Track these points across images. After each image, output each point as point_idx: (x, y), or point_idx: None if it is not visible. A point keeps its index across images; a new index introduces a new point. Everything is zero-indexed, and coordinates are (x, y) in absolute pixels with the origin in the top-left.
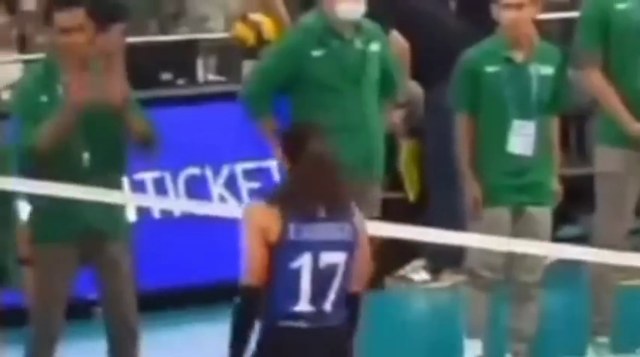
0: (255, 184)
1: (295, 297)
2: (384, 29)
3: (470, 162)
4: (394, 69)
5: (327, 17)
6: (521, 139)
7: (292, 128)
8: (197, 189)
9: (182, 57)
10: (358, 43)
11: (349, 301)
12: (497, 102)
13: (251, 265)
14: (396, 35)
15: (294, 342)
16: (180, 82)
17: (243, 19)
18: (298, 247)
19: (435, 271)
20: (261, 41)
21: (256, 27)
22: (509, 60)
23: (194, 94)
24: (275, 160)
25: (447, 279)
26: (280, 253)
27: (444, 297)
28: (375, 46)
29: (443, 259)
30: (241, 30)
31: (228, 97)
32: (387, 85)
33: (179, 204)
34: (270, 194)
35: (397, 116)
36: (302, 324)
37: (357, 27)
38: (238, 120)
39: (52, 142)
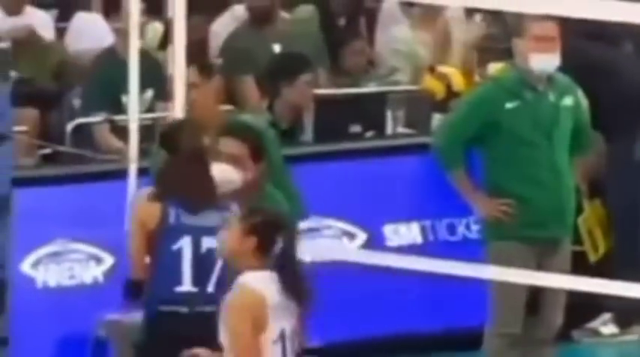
0: (450, 237)
1: (177, 278)
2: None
3: None
4: (586, 125)
5: (521, 69)
6: None
7: (168, 126)
8: None
9: (371, 109)
10: (552, 96)
11: None
12: None
13: (135, 259)
14: None
15: (176, 327)
16: (370, 134)
17: (432, 71)
18: (178, 231)
19: (624, 324)
20: (450, 93)
21: (445, 79)
22: None
23: (383, 147)
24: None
25: (637, 332)
26: (161, 237)
27: (633, 350)
28: (568, 101)
29: (632, 312)
30: (430, 82)
31: (418, 149)
32: (578, 140)
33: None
34: (156, 182)
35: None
36: (183, 309)
37: (550, 79)
38: (428, 172)
39: None
